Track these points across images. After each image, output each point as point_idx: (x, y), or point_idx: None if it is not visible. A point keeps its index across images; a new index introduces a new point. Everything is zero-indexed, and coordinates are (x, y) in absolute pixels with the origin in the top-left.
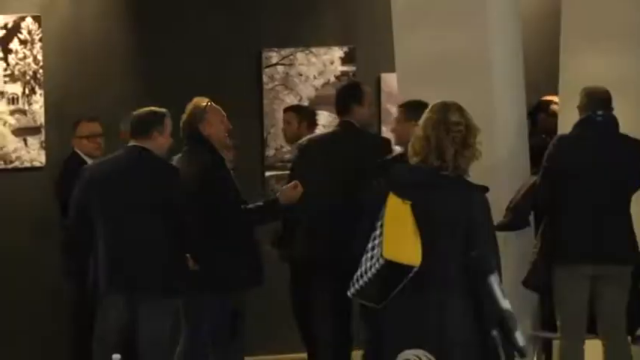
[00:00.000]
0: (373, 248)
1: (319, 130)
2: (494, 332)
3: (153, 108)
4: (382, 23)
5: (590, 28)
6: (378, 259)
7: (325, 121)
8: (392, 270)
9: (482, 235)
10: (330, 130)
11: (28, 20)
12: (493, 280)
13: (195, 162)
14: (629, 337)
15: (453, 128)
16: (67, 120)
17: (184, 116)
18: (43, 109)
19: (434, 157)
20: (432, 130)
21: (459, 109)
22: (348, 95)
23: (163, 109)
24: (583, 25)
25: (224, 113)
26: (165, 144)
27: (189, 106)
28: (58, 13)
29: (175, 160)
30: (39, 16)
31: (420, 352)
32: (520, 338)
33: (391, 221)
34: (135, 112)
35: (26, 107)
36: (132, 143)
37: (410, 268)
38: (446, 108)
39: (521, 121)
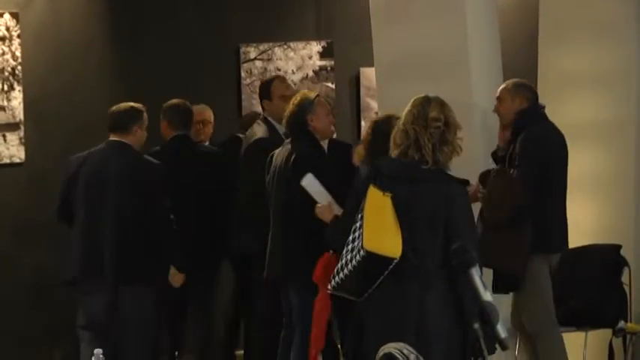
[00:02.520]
0: (354, 240)
1: None
2: (476, 325)
3: (131, 103)
4: (360, 17)
5: (568, 21)
6: (358, 251)
7: None
8: (372, 262)
9: (462, 228)
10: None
11: (6, 17)
12: (474, 272)
13: (298, 154)
14: (611, 330)
15: (431, 124)
16: (46, 116)
17: (290, 107)
18: (22, 105)
19: (413, 151)
20: (410, 124)
21: (441, 105)
22: (259, 93)
23: (140, 105)
24: (560, 17)
25: (329, 107)
26: (143, 138)
27: (297, 98)
28: (36, 10)
29: (277, 152)
30: (17, 13)
31: (401, 345)
32: (502, 330)
33: (371, 213)
34: (114, 108)
35: (5, 103)
36: (112, 138)
37: (390, 260)
38: (426, 102)
39: None
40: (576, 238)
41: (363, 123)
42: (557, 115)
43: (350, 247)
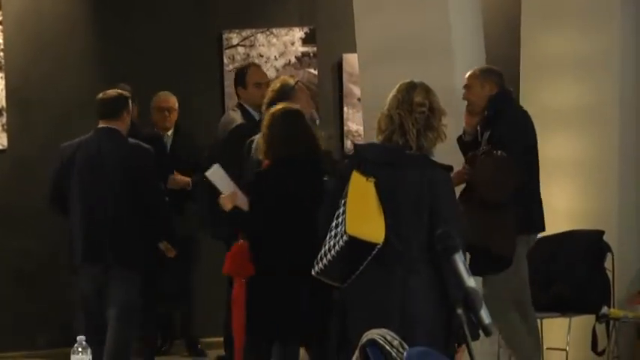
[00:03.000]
0: (337, 226)
1: None
2: (459, 310)
3: (118, 90)
4: (343, 3)
5: (550, 6)
6: (342, 236)
7: None
8: (355, 247)
9: (446, 214)
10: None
11: None
12: (457, 258)
13: None
14: (594, 316)
15: (416, 109)
16: (29, 103)
17: (269, 93)
18: (4, 92)
19: (398, 136)
20: (395, 109)
21: (426, 90)
22: (234, 80)
23: (126, 91)
24: (543, 3)
25: (309, 93)
26: (129, 124)
27: (276, 84)
28: None
29: (256, 139)
30: None
31: (384, 331)
32: (485, 316)
33: (354, 198)
34: (101, 95)
35: None
36: (101, 125)
37: (373, 245)
38: (411, 88)
39: None
40: (559, 224)
41: (345, 109)
42: (540, 100)
43: (333, 232)
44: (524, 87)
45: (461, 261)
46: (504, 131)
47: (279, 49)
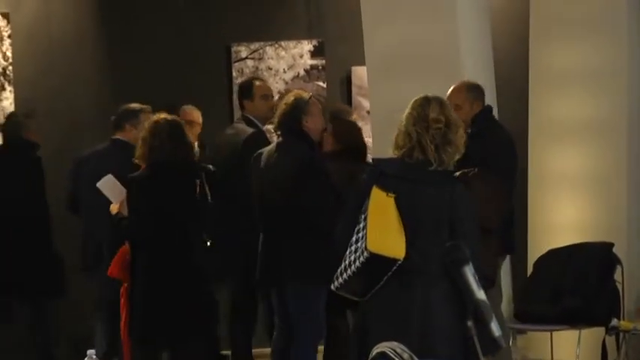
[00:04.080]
0: (357, 241)
1: None
2: (469, 323)
3: (133, 104)
4: (351, 16)
5: (559, 17)
6: (362, 252)
7: None
8: (376, 263)
9: (469, 230)
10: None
11: None
12: (467, 270)
13: (293, 156)
14: (604, 328)
15: (432, 125)
16: (38, 116)
17: (283, 107)
18: (13, 105)
19: (418, 153)
20: (412, 126)
21: (440, 104)
22: (240, 93)
23: (137, 105)
24: (551, 14)
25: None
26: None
27: (290, 97)
28: (27, 10)
29: (265, 152)
30: (7, 13)
31: (395, 344)
32: (495, 329)
33: (375, 214)
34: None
35: None
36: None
37: (394, 261)
38: (426, 103)
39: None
40: (569, 237)
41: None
42: (549, 113)
43: (353, 247)
44: (532, 99)
45: (471, 273)
46: (493, 151)
47: (287, 62)
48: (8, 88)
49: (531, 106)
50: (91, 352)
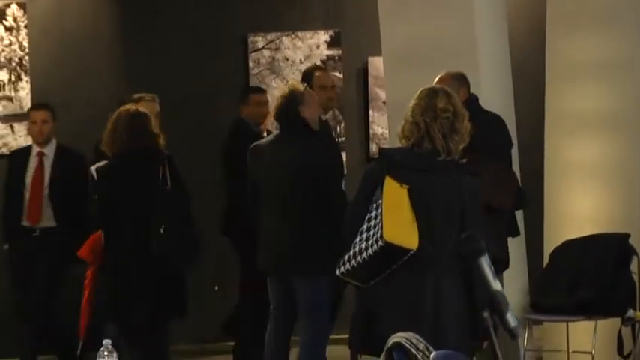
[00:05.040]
0: (369, 229)
1: None
2: (485, 314)
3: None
4: (368, 6)
5: (576, 10)
6: (376, 241)
7: None
8: (389, 252)
9: (473, 218)
10: None
11: (14, 7)
12: (483, 261)
13: (295, 146)
14: (620, 319)
15: (440, 115)
16: (54, 106)
17: (278, 99)
18: (29, 95)
19: (427, 142)
20: (420, 116)
21: (447, 95)
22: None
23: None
24: (568, 7)
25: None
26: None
27: (285, 90)
28: (43, 1)
29: (264, 142)
30: (24, 3)
31: (410, 334)
32: (511, 319)
33: (390, 205)
34: None
35: (13, 94)
36: None
37: (408, 251)
38: (433, 94)
39: (508, 104)
40: (584, 228)
41: (371, 112)
42: (565, 105)
43: (365, 235)
44: (549, 91)
45: (487, 264)
46: (488, 137)
47: (304, 52)
48: (25, 78)
49: (547, 98)
50: (107, 341)
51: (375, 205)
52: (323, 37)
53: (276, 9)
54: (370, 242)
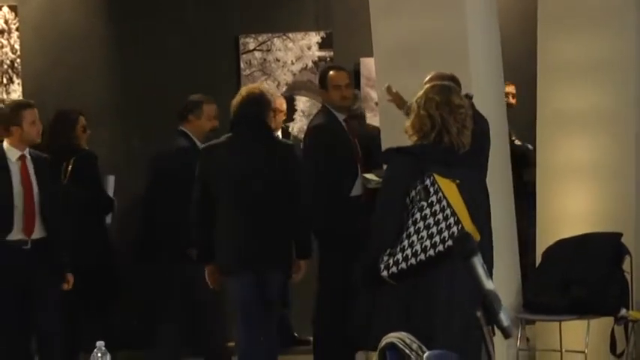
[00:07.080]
0: (428, 227)
1: (299, 117)
2: (478, 313)
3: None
4: (359, 7)
5: (567, 9)
6: (446, 238)
7: (304, 106)
8: (467, 246)
9: (488, 210)
10: None
11: (5, 10)
12: (476, 261)
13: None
14: (613, 318)
15: (456, 110)
16: (46, 109)
17: (237, 101)
18: (21, 98)
19: (447, 137)
20: (435, 109)
21: (458, 92)
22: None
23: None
24: (559, 5)
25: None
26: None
27: (242, 92)
28: (35, 3)
29: (218, 143)
30: (15, 6)
31: (403, 334)
32: (504, 319)
33: (453, 201)
34: None
35: (4, 96)
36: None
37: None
38: (447, 90)
39: (500, 104)
40: (577, 227)
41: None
42: (557, 104)
43: (423, 234)
44: (540, 90)
45: (480, 264)
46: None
47: (295, 53)
48: (16, 80)
49: (539, 97)
50: (100, 343)
51: (424, 204)
52: (314, 38)
53: (268, 10)
54: (434, 241)
